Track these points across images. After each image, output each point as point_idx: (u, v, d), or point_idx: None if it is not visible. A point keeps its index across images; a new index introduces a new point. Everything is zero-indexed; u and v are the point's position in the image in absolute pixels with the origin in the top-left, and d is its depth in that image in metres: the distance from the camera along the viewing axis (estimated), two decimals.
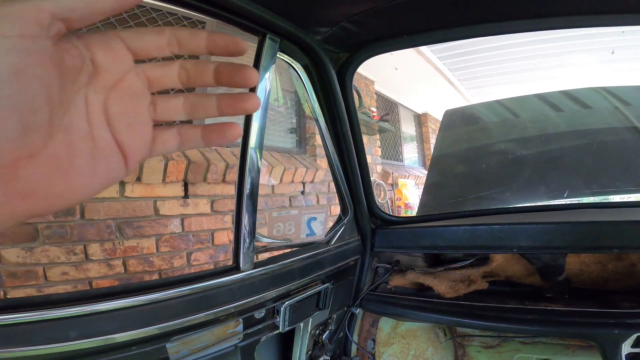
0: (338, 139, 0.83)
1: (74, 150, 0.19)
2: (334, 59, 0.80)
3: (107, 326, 0.48)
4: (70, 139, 0.18)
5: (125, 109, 0.21)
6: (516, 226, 0.84)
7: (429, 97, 4.27)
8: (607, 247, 0.82)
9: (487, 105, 1.37)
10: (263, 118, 0.63)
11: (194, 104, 0.24)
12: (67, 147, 0.18)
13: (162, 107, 0.23)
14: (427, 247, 0.95)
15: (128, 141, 0.21)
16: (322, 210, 0.77)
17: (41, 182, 0.17)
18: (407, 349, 1.26)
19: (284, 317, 0.76)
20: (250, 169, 0.60)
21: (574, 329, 0.83)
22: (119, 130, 0.21)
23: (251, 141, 0.60)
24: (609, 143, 1.11)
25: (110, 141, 0.21)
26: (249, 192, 0.60)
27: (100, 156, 0.20)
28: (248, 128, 0.60)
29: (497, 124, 1.27)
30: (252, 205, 0.61)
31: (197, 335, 0.62)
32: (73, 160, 0.19)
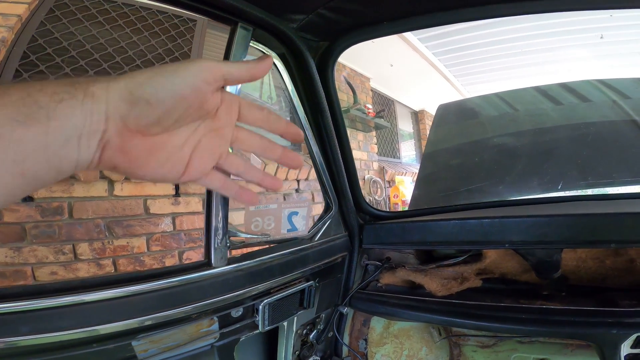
0: (319, 130, 0.80)
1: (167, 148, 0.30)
2: (312, 48, 0.77)
3: (61, 322, 0.46)
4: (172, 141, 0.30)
5: (208, 146, 0.32)
6: (507, 220, 0.81)
7: (425, 94, 4.25)
8: (605, 241, 0.78)
9: (480, 99, 1.34)
10: None
11: (264, 148, 0.37)
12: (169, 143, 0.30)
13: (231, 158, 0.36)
14: (416, 243, 0.92)
15: (194, 164, 0.32)
16: (304, 204, 0.75)
17: (142, 153, 0.28)
18: (400, 349, 1.23)
19: (263, 316, 0.74)
20: None
21: (571, 329, 0.79)
22: (195, 155, 0.32)
23: None
24: (604, 134, 1.06)
25: (186, 157, 0.31)
26: None
27: (173, 160, 0.31)
28: None
29: (490, 117, 1.24)
30: (223, 198, 0.59)
31: (167, 333, 0.60)
32: (163, 152, 0.30)
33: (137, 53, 1.41)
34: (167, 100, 0.27)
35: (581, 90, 1.26)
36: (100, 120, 0.25)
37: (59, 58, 1.25)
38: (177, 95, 0.27)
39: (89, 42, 1.30)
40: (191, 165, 0.32)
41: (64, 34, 1.26)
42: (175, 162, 0.31)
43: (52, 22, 1.25)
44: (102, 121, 0.25)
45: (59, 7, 1.27)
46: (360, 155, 3.26)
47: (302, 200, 0.75)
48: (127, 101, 0.26)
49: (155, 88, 0.26)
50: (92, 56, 1.31)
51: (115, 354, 0.56)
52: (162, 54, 1.49)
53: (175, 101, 0.27)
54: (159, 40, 1.48)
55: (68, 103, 0.24)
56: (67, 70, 1.25)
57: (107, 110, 0.25)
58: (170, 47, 1.52)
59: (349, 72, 3.10)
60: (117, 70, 1.35)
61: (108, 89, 0.25)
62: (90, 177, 1.21)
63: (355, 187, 0.91)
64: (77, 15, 1.28)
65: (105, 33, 1.34)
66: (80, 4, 1.30)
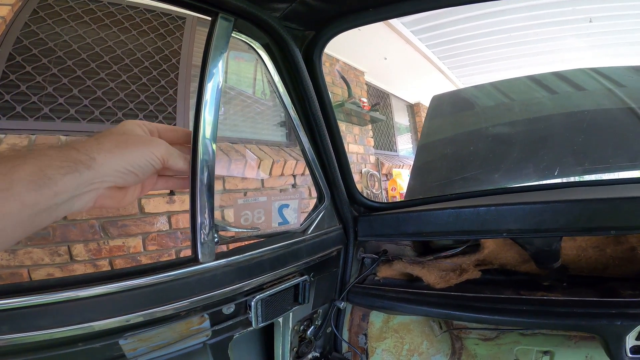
0: (308, 120, 0.78)
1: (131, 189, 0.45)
2: (298, 38, 0.75)
3: (42, 321, 0.45)
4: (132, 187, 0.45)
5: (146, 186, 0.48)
6: (504, 207, 0.78)
7: (420, 87, 4.23)
8: (605, 228, 0.75)
9: (474, 89, 1.32)
10: (215, 106, 0.59)
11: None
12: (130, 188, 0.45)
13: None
14: (412, 234, 0.90)
15: (147, 188, 0.49)
16: (294, 196, 0.73)
17: (121, 194, 0.43)
18: (400, 344, 1.21)
19: (256, 313, 0.72)
20: (204, 151, 0.56)
21: (574, 320, 0.77)
22: (143, 187, 0.48)
23: (203, 131, 0.56)
24: (599, 121, 1.04)
25: (139, 187, 0.47)
26: (204, 175, 0.56)
27: (139, 191, 0.47)
28: (199, 115, 0.56)
29: (484, 107, 1.21)
30: (208, 192, 0.57)
31: (155, 331, 0.59)
32: (129, 189, 0.45)
33: (125, 52, 1.40)
34: (146, 171, 0.42)
35: (575, 79, 1.24)
36: (97, 185, 0.36)
37: (46, 59, 1.24)
38: (152, 169, 0.43)
39: (76, 42, 1.29)
40: (145, 189, 0.48)
41: (49, 34, 1.25)
42: (139, 191, 0.47)
43: (36, 23, 1.24)
44: (97, 184, 0.37)
45: (43, 8, 1.25)
46: (357, 149, 3.24)
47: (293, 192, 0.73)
48: (121, 172, 0.38)
49: (140, 166, 0.40)
50: (80, 56, 1.30)
51: (103, 353, 0.55)
52: (152, 52, 1.47)
53: (150, 171, 0.43)
54: (148, 39, 1.47)
55: (72, 176, 0.33)
56: (54, 71, 1.24)
57: (103, 178, 0.37)
58: (159, 45, 1.50)
59: (342, 67, 3.08)
60: (106, 70, 1.34)
61: (105, 163, 0.36)
62: None
63: (348, 178, 0.89)
64: (62, 16, 1.27)
65: (92, 33, 1.33)
66: (64, 5, 1.29)
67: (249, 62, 1.91)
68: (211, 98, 0.59)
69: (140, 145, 0.41)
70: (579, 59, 3.48)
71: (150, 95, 1.46)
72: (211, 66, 0.59)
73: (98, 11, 1.35)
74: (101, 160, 0.36)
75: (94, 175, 0.35)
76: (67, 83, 1.28)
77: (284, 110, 0.75)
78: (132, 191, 0.45)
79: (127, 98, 1.40)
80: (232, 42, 0.69)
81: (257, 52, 0.72)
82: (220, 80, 0.61)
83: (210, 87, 0.59)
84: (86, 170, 0.34)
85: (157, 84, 1.48)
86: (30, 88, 1.21)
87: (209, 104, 0.59)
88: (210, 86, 0.59)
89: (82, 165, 0.34)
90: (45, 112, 1.23)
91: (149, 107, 1.46)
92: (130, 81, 1.41)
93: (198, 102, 0.58)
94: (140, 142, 0.41)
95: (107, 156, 0.37)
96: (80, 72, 1.30)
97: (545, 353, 1.08)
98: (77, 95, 1.29)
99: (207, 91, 0.58)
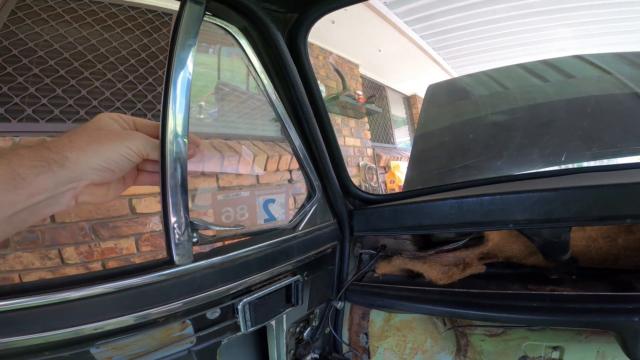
0: (295, 109, 0.73)
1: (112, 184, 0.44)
2: (280, 21, 0.70)
3: (4, 329, 0.41)
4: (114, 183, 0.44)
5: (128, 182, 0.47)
6: (510, 196, 0.72)
7: (416, 78, 4.16)
8: (620, 216, 0.68)
9: (470, 77, 1.26)
10: (185, 98, 0.54)
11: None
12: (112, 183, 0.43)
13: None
14: (411, 228, 0.84)
15: (128, 182, 0.47)
16: (280, 190, 0.68)
17: (103, 190, 0.42)
18: (403, 342, 1.16)
19: (244, 317, 0.68)
20: (174, 144, 0.51)
21: (588, 317, 0.71)
22: (125, 181, 0.46)
23: (174, 125, 0.51)
24: (603, 105, 0.97)
25: (122, 183, 0.45)
26: (176, 171, 0.51)
27: (121, 186, 0.45)
28: (166, 108, 0.52)
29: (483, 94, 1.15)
30: (180, 187, 0.53)
31: (131, 339, 0.55)
32: (111, 185, 0.43)
33: (109, 50, 1.36)
34: (123, 166, 0.40)
35: (573, 66, 1.18)
36: (73, 183, 0.36)
37: (26, 59, 1.20)
38: (130, 163, 0.41)
39: (57, 41, 1.25)
40: (127, 184, 0.46)
41: (28, 34, 1.22)
42: (122, 186, 0.45)
43: (15, 24, 1.21)
44: (75, 183, 0.36)
45: (21, 8, 1.22)
46: (354, 142, 3.19)
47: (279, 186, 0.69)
48: (97, 169, 0.37)
49: (115, 162, 0.39)
50: (62, 55, 1.26)
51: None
52: (137, 49, 1.43)
53: (128, 166, 0.41)
54: (133, 36, 1.43)
55: (46, 175, 0.33)
56: (36, 71, 1.21)
57: (80, 176, 0.36)
58: (145, 43, 1.46)
59: (336, 59, 3.01)
60: (90, 69, 1.30)
61: (78, 161, 0.35)
62: None
63: (340, 169, 0.83)
64: (41, 16, 1.24)
65: (74, 31, 1.29)
66: (43, 4, 1.26)
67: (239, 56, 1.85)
68: (181, 89, 0.54)
69: (114, 140, 0.39)
70: (574, 46, 3.40)
71: (137, 94, 1.42)
72: (180, 54, 0.54)
73: (79, 10, 1.31)
74: (74, 158, 0.35)
75: (69, 174, 0.35)
76: (50, 83, 1.24)
77: (267, 99, 0.69)
78: (115, 187, 0.44)
79: (114, 97, 1.36)
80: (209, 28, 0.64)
81: (235, 36, 0.66)
82: (190, 71, 0.56)
83: (180, 77, 0.54)
84: (60, 169, 0.34)
85: (145, 81, 1.43)
86: (12, 89, 1.18)
87: (178, 96, 0.54)
88: (180, 76, 0.54)
89: (55, 164, 0.34)
90: (28, 113, 1.20)
91: (137, 105, 1.42)
92: (115, 79, 1.38)
93: (165, 93, 0.53)
94: (115, 136, 0.40)
95: (81, 154, 0.36)
96: (63, 72, 1.27)
97: (555, 349, 1.02)
98: (61, 95, 1.25)
99: (175, 82, 0.53)
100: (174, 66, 0.54)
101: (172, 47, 0.55)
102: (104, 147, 0.38)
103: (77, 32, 1.30)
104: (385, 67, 3.67)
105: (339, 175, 0.84)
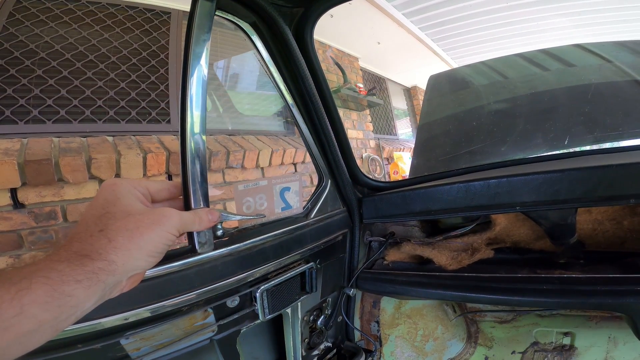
0: (304, 99, 0.74)
1: None
2: (287, 15, 0.71)
3: None
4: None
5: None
6: (516, 178, 0.74)
7: (416, 70, 4.16)
8: (623, 196, 0.70)
9: (471, 67, 1.27)
10: (202, 88, 0.55)
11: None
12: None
13: None
14: (420, 213, 0.85)
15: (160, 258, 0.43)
16: (294, 178, 0.69)
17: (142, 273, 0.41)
18: (414, 329, 1.18)
19: (262, 304, 0.69)
20: (191, 135, 0.52)
21: (598, 299, 0.71)
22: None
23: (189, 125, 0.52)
24: (604, 91, 0.99)
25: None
26: (195, 162, 0.53)
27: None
28: (185, 102, 0.52)
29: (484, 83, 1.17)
30: (199, 177, 0.54)
31: (157, 329, 0.56)
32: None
33: (110, 50, 1.36)
34: (165, 251, 0.39)
35: (570, 54, 1.20)
36: (121, 284, 0.37)
37: (28, 61, 1.20)
38: (169, 247, 0.40)
39: (58, 42, 1.25)
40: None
41: (28, 36, 1.22)
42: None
43: (14, 26, 1.20)
44: (122, 282, 0.37)
45: (19, 10, 1.22)
46: (356, 135, 3.21)
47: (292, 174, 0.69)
48: (143, 265, 0.37)
49: (159, 252, 0.38)
50: (64, 56, 1.26)
51: (105, 354, 0.53)
52: (138, 48, 1.43)
53: (168, 249, 0.40)
54: (133, 36, 1.43)
55: (96, 287, 0.32)
56: (39, 72, 1.21)
57: (127, 275, 0.36)
58: (146, 41, 1.46)
59: (336, 53, 3.02)
60: (92, 69, 1.30)
61: (126, 262, 0.34)
62: (79, 179, 1.18)
63: (349, 158, 0.85)
64: (39, 17, 1.23)
65: (74, 32, 1.29)
66: (41, 6, 1.26)
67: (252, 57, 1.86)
68: (197, 81, 0.55)
69: (152, 228, 0.37)
70: (573, 36, 3.42)
71: (141, 92, 1.43)
72: (195, 49, 0.55)
73: (77, 11, 1.31)
74: (121, 261, 0.34)
75: (119, 278, 0.34)
76: (54, 84, 1.24)
77: (277, 90, 0.71)
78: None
79: (118, 96, 1.37)
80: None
81: (245, 31, 0.67)
82: (205, 63, 0.57)
83: (196, 70, 0.55)
84: (110, 276, 0.33)
85: (147, 80, 1.44)
86: (17, 91, 1.18)
87: (194, 87, 0.55)
88: (197, 70, 0.55)
89: (104, 274, 0.32)
90: (35, 115, 1.20)
91: (141, 103, 1.42)
92: (119, 79, 1.38)
93: (183, 86, 0.54)
94: (151, 223, 0.37)
95: (126, 254, 0.34)
96: (66, 72, 1.27)
97: (566, 334, 1.03)
98: (66, 96, 1.26)
99: (192, 75, 0.54)
100: (190, 60, 0.54)
101: (187, 43, 0.56)
102: (145, 241, 0.36)
103: (77, 32, 1.30)
104: (385, 59, 3.68)
105: (347, 163, 0.86)
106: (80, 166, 1.17)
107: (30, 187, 1.12)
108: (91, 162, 1.19)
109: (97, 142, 1.26)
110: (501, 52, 3.68)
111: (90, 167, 1.20)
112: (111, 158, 1.23)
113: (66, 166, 1.14)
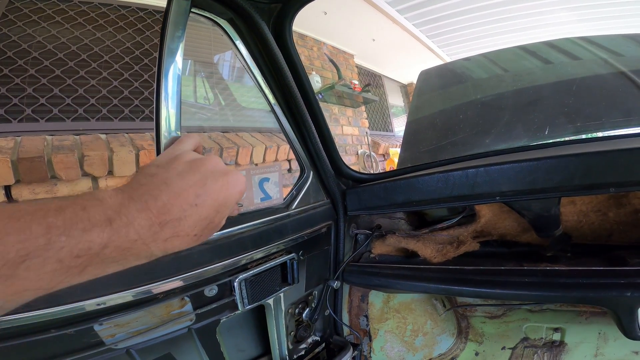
0: (284, 94, 0.75)
1: None
2: (264, 11, 0.72)
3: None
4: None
5: None
6: (493, 168, 0.74)
7: (412, 67, 4.16)
8: (603, 184, 0.69)
9: (461, 62, 1.28)
10: (177, 84, 0.56)
11: None
12: None
13: None
14: (402, 204, 0.86)
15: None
16: (273, 169, 0.70)
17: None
18: (403, 324, 1.18)
19: (240, 294, 0.70)
20: (167, 131, 0.53)
21: (581, 292, 0.71)
22: None
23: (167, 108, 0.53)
24: (588, 83, 0.99)
25: None
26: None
27: None
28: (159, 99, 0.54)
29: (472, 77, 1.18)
30: None
31: (132, 315, 0.57)
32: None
33: (103, 49, 1.39)
34: None
35: (563, 47, 1.20)
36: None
37: (21, 60, 1.23)
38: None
39: (50, 42, 1.28)
40: None
41: (21, 36, 1.25)
42: None
43: (7, 26, 1.24)
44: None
45: (11, 11, 1.25)
46: (352, 131, 3.22)
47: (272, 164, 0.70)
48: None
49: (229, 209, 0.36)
50: (56, 56, 1.29)
51: (79, 339, 0.54)
52: (131, 47, 1.46)
53: None
54: (126, 35, 1.46)
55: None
56: (32, 72, 1.24)
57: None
58: (139, 40, 1.49)
59: (330, 50, 3.04)
60: (85, 68, 1.33)
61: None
62: (72, 176, 1.20)
63: (331, 150, 0.86)
64: (32, 17, 1.27)
65: (66, 32, 1.32)
66: (33, 6, 1.29)
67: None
68: (172, 77, 0.56)
69: (231, 191, 0.35)
70: (568, 31, 3.42)
71: (134, 90, 1.45)
72: (170, 45, 0.56)
73: (69, 10, 1.34)
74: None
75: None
76: (47, 83, 1.27)
77: (255, 84, 0.72)
78: None
79: (111, 94, 1.39)
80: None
81: (222, 27, 0.69)
82: (179, 61, 0.58)
83: (171, 67, 0.56)
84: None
85: (140, 78, 1.46)
86: (10, 90, 1.21)
87: (170, 84, 0.56)
88: (172, 67, 0.56)
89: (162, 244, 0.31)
90: (28, 114, 1.23)
91: (134, 102, 1.45)
92: (111, 77, 1.40)
93: (157, 83, 0.55)
94: (227, 184, 0.35)
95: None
96: (59, 72, 1.30)
97: (556, 330, 1.02)
98: (59, 95, 1.28)
99: (167, 72, 0.55)
100: (165, 58, 0.56)
101: (162, 39, 0.57)
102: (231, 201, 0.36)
103: (69, 32, 1.33)
104: (381, 56, 3.70)
105: (330, 155, 0.86)
106: (73, 163, 1.19)
107: (23, 184, 1.15)
108: (84, 159, 1.22)
109: (90, 139, 1.29)
110: (496, 48, 3.68)
111: (82, 164, 1.22)
112: (104, 155, 1.25)
113: (59, 163, 1.17)
